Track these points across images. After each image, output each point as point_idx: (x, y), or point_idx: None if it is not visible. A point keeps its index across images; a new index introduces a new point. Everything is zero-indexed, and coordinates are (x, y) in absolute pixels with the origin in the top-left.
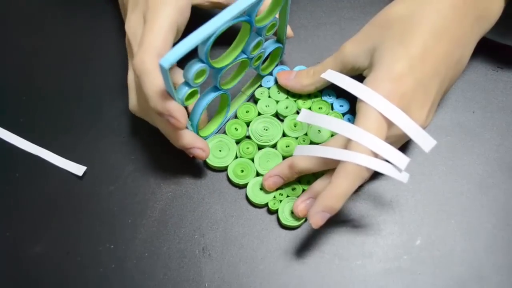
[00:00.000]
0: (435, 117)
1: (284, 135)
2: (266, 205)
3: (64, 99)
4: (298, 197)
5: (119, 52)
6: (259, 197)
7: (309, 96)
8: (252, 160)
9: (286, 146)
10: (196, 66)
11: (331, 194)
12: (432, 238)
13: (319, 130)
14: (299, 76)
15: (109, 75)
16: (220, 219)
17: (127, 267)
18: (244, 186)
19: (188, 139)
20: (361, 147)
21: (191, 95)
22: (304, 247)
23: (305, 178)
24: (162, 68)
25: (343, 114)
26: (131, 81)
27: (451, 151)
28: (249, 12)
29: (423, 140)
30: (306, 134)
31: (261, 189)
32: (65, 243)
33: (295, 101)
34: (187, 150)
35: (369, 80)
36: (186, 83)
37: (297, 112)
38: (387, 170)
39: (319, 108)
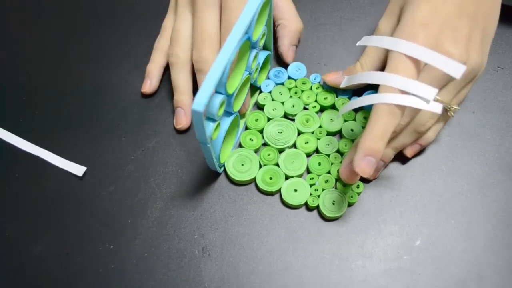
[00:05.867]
0: None
1: (299, 133)
2: (304, 204)
3: (64, 99)
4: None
5: (119, 52)
6: (296, 198)
7: (310, 88)
8: (277, 165)
9: (305, 143)
10: (218, 100)
11: (368, 137)
12: (432, 238)
13: (331, 119)
14: (349, 72)
15: (109, 75)
16: (220, 219)
17: (127, 267)
18: (277, 192)
19: (186, 99)
20: (388, 87)
21: (216, 129)
22: (304, 247)
23: (336, 168)
24: (196, 113)
25: (349, 98)
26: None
27: (451, 151)
28: (247, 30)
29: (450, 67)
30: (320, 126)
31: (295, 190)
32: (65, 243)
33: (299, 97)
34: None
35: (395, 33)
36: (209, 119)
37: (305, 108)
38: (414, 103)
39: (325, 98)
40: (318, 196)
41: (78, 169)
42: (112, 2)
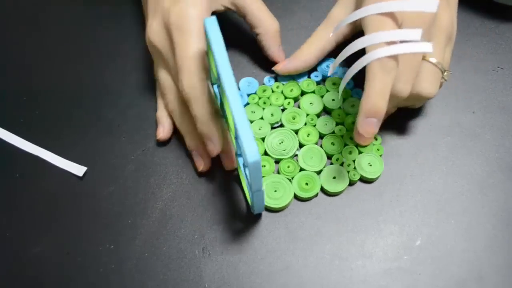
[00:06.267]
0: (435, 117)
1: (296, 132)
2: (348, 184)
3: (64, 99)
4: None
5: (119, 52)
6: (341, 184)
7: (272, 91)
8: (301, 169)
9: (307, 136)
10: None
11: (367, 98)
12: (432, 238)
13: (310, 103)
14: (296, 56)
15: (109, 75)
16: (220, 219)
17: (127, 267)
18: (318, 193)
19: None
20: (374, 46)
21: None
22: (304, 247)
23: (349, 137)
24: (255, 163)
25: (309, 77)
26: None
27: (451, 151)
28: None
29: (423, 4)
30: (307, 115)
31: (334, 178)
32: (65, 243)
33: (270, 104)
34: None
35: (362, 5)
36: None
37: (282, 110)
38: (403, 48)
39: (291, 90)
40: (354, 168)
41: (78, 169)
42: (112, 2)
